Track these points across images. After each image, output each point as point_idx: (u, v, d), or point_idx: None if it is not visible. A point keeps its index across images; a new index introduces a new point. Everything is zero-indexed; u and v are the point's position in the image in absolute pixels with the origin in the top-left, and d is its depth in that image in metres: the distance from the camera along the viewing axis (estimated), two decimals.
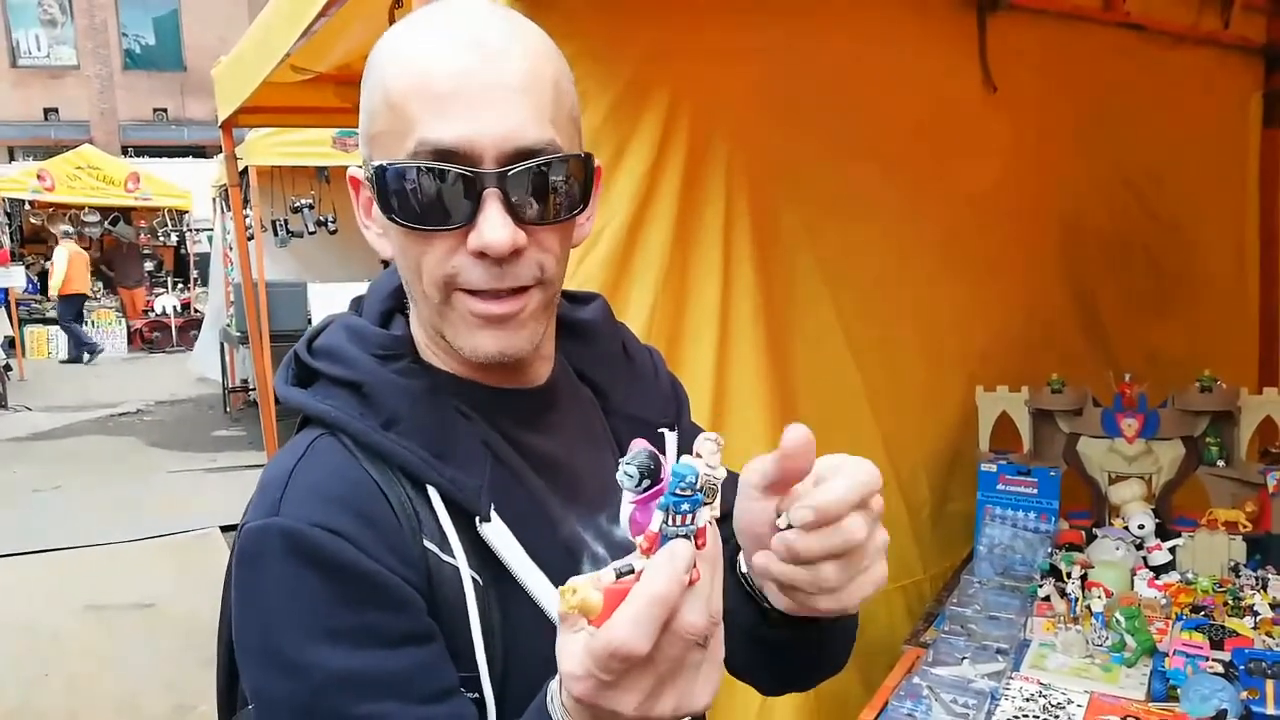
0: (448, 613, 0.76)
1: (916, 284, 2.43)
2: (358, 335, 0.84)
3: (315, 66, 3.30)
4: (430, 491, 0.78)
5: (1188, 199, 3.00)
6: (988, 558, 2.23)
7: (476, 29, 0.74)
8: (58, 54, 20.66)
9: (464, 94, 0.72)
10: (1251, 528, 2.12)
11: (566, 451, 0.89)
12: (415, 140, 0.73)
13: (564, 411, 0.91)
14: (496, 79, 0.73)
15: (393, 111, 0.74)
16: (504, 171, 0.73)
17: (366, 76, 0.79)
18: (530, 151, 0.74)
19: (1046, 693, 1.67)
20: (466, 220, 0.74)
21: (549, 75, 0.77)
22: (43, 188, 12.85)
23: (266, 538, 0.73)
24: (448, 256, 0.76)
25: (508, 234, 0.73)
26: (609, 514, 0.89)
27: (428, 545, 0.76)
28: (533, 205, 0.75)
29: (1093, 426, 2.33)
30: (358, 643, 0.71)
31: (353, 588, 0.72)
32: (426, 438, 0.78)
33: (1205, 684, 1.56)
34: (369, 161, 0.78)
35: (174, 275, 15.94)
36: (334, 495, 0.75)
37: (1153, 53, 2.80)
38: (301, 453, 0.79)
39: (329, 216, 8.70)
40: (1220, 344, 3.00)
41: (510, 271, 0.76)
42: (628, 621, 0.55)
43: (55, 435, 8.80)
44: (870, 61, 2.23)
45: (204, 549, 5.44)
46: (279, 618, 0.72)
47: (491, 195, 0.73)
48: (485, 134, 0.72)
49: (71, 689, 3.91)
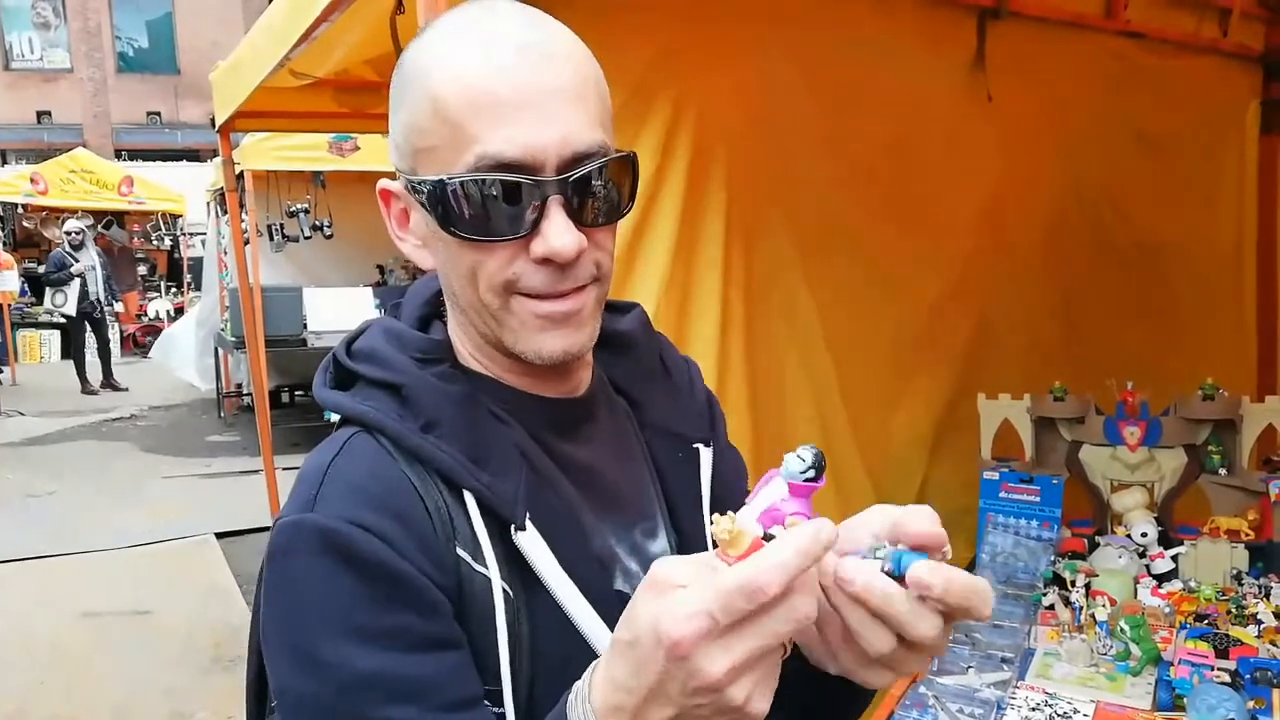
0: (476, 623, 0.75)
1: (908, 287, 2.44)
2: (397, 338, 0.83)
3: (314, 72, 3.29)
4: (466, 497, 0.77)
5: (1186, 206, 3.01)
6: (990, 565, 2.23)
7: (519, 35, 0.74)
8: (51, 57, 20.60)
9: (522, 103, 0.72)
10: (1253, 536, 2.12)
11: (603, 463, 0.88)
12: (475, 154, 0.72)
13: (602, 423, 0.90)
14: (551, 85, 0.73)
15: (446, 125, 0.73)
16: (565, 178, 0.73)
17: (403, 89, 0.78)
18: (586, 155, 0.74)
19: (1052, 702, 1.67)
20: (530, 228, 0.74)
21: (592, 76, 0.77)
22: (36, 191, 12.82)
23: (299, 533, 0.72)
24: (508, 263, 0.76)
25: (574, 240, 0.74)
26: (644, 528, 0.90)
27: (460, 553, 0.75)
28: (590, 208, 0.76)
29: (1095, 434, 2.33)
30: (385, 644, 0.70)
31: (384, 588, 0.71)
32: (464, 442, 0.77)
33: (1212, 693, 1.55)
34: (414, 175, 0.77)
35: (167, 279, 15.89)
36: (371, 493, 0.74)
37: (1152, 61, 2.82)
38: (339, 448, 0.78)
39: (325, 221, 8.69)
40: (1217, 352, 3.01)
41: (571, 273, 0.76)
42: (771, 562, 0.55)
43: (49, 440, 8.76)
44: (869, 70, 2.24)
45: (199, 556, 5.42)
46: (307, 614, 0.71)
47: (555, 202, 0.73)
48: (547, 143, 0.72)
49: (67, 696, 3.88)
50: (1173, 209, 2.97)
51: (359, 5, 2.21)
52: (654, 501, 0.91)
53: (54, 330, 13.51)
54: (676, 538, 0.92)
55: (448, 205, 0.74)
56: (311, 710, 0.71)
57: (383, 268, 9.76)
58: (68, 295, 11.06)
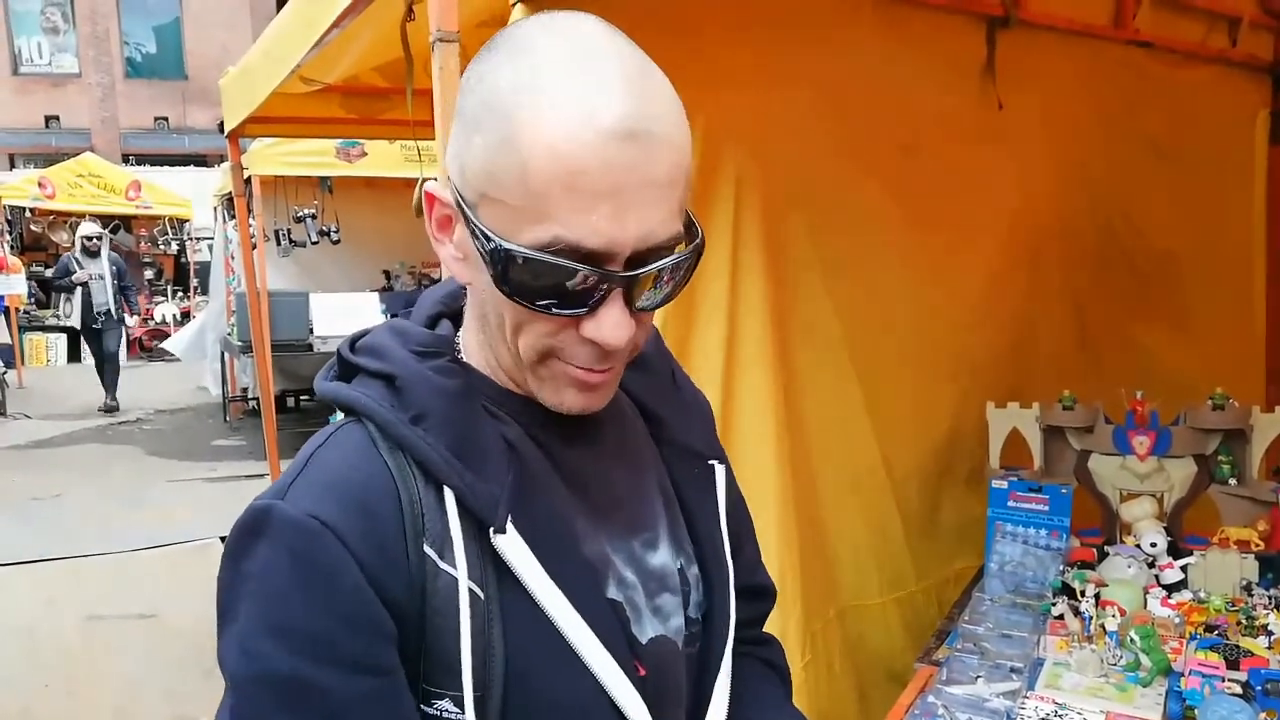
0: (441, 625, 0.74)
1: (915, 297, 2.44)
2: (400, 334, 0.83)
3: (324, 78, 3.30)
4: (446, 494, 0.75)
5: (1195, 215, 3.01)
6: (999, 574, 2.22)
7: (625, 108, 0.68)
8: (59, 62, 20.70)
9: (613, 193, 0.68)
10: (1263, 546, 2.11)
11: (604, 469, 0.87)
12: (551, 235, 0.68)
13: (607, 429, 0.88)
14: (647, 177, 0.69)
15: (526, 193, 0.68)
16: (633, 275, 0.71)
17: (481, 115, 0.72)
18: (659, 249, 0.72)
19: (1062, 712, 1.66)
20: (585, 310, 0.72)
21: (686, 159, 0.73)
22: (43, 195, 12.85)
23: (265, 518, 0.73)
24: (555, 333, 0.75)
25: (626, 333, 0.73)
26: (644, 539, 0.89)
27: (427, 551, 0.74)
28: (648, 297, 0.74)
29: (1104, 444, 2.32)
30: (303, 650, 0.70)
31: (317, 591, 0.70)
32: (452, 437, 0.76)
33: (1223, 705, 1.54)
34: (475, 215, 0.73)
35: (174, 284, 15.95)
36: (342, 487, 0.74)
37: (1161, 70, 2.82)
38: (325, 438, 0.79)
39: (332, 226, 8.73)
40: (1227, 361, 3.00)
41: (614, 355, 0.76)
42: None
43: (55, 443, 8.76)
44: (879, 78, 2.24)
45: (204, 559, 5.41)
46: (248, 599, 0.72)
47: (617, 293, 0.72)
48: (626, 238, 0.69)
49: (71, 698, 3.88)
50: (1182, 218, 2.96)
51: (370, 12, 2.22)
52: (658, 514, 0.90)
53: (60, 334, 13.57)
54: (696, 550, 0.92)
55: (509, 269, 0.71)
56: (231, 684, 0.74)
57: (389, 273, 9.78)
58: (73, 304, 10.48)
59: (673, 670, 0.87)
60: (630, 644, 0.82)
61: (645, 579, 0.86)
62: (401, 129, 3.80)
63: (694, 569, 0.91)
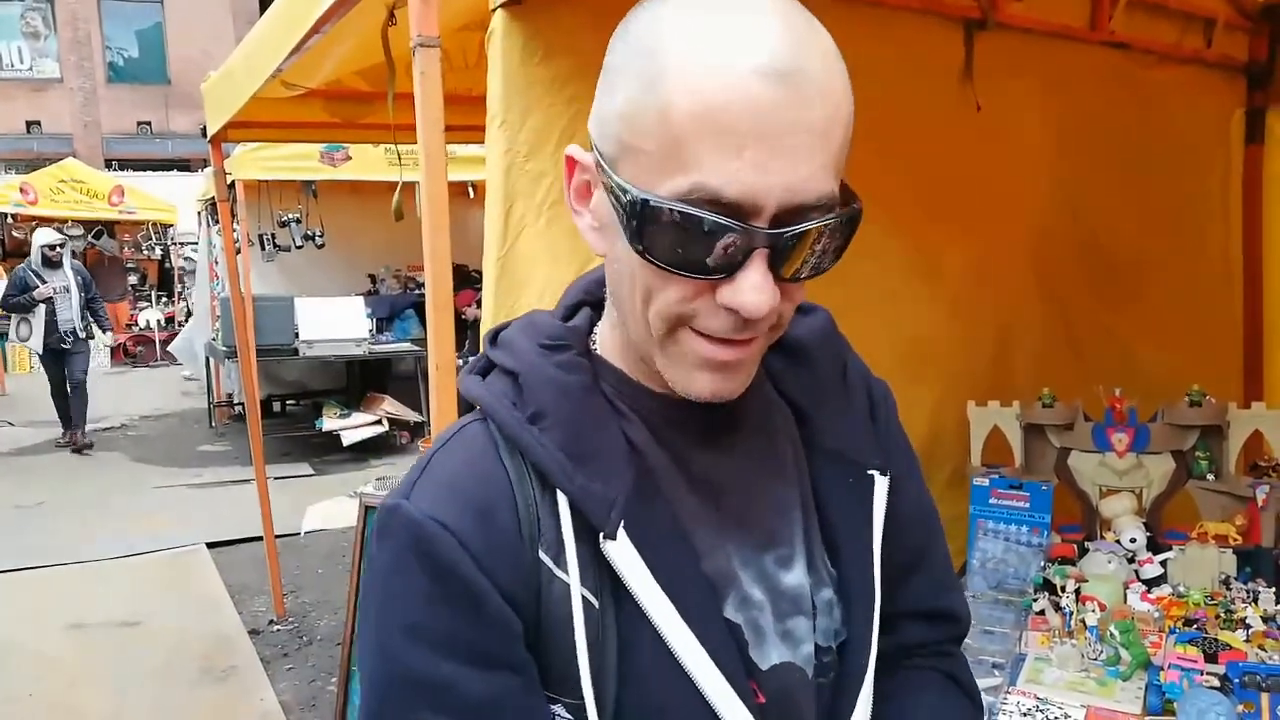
0: (557, 632, 0.72)
1: (894, 297, 2.46)
2: (532, 325, 0.80)
3: (306, 82, 3.30)
4: (559, 497, 0.72)
5: (1172, 214, 3.04)
6: (980, 571, 2.24)
7: (779, 49, 0.62)
8: (40, 67, 20.57)
9: (760, 138, 0.61)
10: (1241, 541, 2.13)
11: (739, 477, 0.80)
12: (691, 182, 0.63)
13: (748, 434, 0.81)
14: (801, 122, 0.62)
15: (667, 134, 0.63)
16: (779, 234, 0.64)
17: (626, 62, 0.67)
18: (809, 208, 0.64)
19: (1044, 707, 1.68)
20: (726, 273, 0.65)
21: (844, 112, 0.67)
22: (25, 201, 12.77)
23: (392, 518, 0.73)
24: (690, 299, 0.68)
25: (768, 299, 0.65)
26: (778, 555, 0.81)
27: (542, 557, 0.72)
28: (795, 264, 0.67)
29: (1083, 441, 2.35)
30: (436, 648, 0.69)
31: (445, 589, 0.70)
32: (568, 436, 0.73)
33: (1202, 698, 1.57)
34: (614, 169, 0.68)
35: (158, 289, 15.86)
36: (461, 489, 0.73)
37: (1137, 71, 2.84)
38: (449, 436, 0.78)
39: (316, 231, 8.69)
40: (1204, 358, 3.03)
41: (753, 325, 0.68)
42: None
43: (38, 451, 8.71)
44: (855, 80, 2.24)
45: (189, 566, 5.39)
46: (383, 599, 0.72)
47: (759, 255, 0.65)
48: (771, 187, 0.62)
49: (54, 708, 3.85)
50: (1160, 216, 2.99)
51: (351, 16, 2.22)
52: (796, 530, 0.82)
53: None
54: (837, 572, 0.83)
55: (644, 224, 0.65)
56: (370, 684, 0.73)
57: (374, 276, 9.76)
58: (32, 326, 8.50)
59: (797, 701, 0.79)
60: (748, 669, 0.76)
61: (776, 599, 0.79)
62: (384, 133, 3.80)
63: (825, 592, 0.82)
